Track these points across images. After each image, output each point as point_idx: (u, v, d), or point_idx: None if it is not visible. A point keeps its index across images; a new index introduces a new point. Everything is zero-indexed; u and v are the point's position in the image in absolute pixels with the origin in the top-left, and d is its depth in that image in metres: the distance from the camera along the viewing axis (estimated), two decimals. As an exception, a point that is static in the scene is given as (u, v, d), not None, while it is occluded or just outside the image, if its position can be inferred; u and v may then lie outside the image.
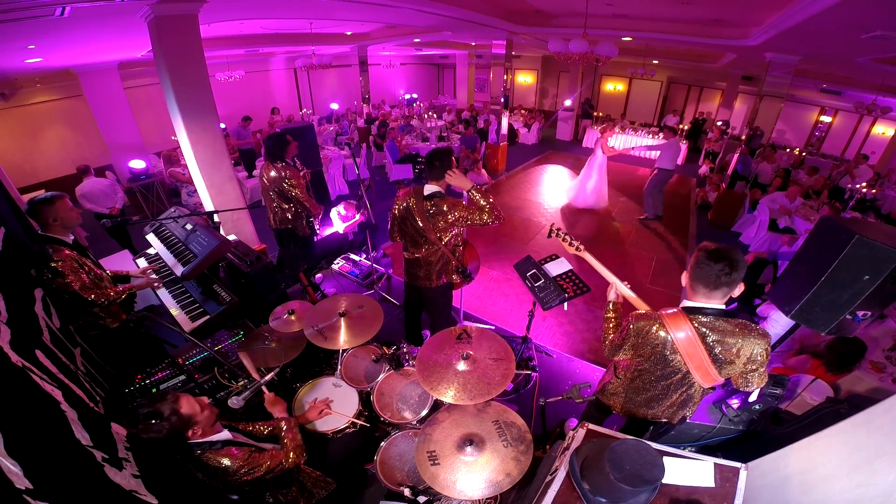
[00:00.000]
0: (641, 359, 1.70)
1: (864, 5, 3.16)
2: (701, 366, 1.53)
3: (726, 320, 1.52)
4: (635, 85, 13.86)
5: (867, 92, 7.71)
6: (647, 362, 1.69)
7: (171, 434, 1.44)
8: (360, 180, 4.12)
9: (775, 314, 3.12)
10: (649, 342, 1.61)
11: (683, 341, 1.52)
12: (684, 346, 1.53)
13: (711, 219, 7.09)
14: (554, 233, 2.34)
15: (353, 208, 5.05)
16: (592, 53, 5.12)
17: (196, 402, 1.56)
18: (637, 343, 1.65)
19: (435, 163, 2.47)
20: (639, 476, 1.14)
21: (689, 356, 1.54)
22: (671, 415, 1.83)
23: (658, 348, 1.60)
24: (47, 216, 2.23)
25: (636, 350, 1.68)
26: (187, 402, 1.51)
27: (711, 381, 1.58)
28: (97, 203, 4.95)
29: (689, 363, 1.55)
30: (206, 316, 2.78)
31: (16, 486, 1.03)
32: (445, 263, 2.71)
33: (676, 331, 1.52)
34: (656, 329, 1.58)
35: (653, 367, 1.69)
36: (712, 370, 1.53)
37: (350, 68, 13.05)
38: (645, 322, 1.61)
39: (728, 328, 1.51)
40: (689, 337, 1.51)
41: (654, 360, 1.65)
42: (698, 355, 1.52)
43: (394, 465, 2.04)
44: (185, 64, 3.74)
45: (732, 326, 1.51)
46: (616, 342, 1.75)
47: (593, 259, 2.16)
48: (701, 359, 1.52)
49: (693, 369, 1.56)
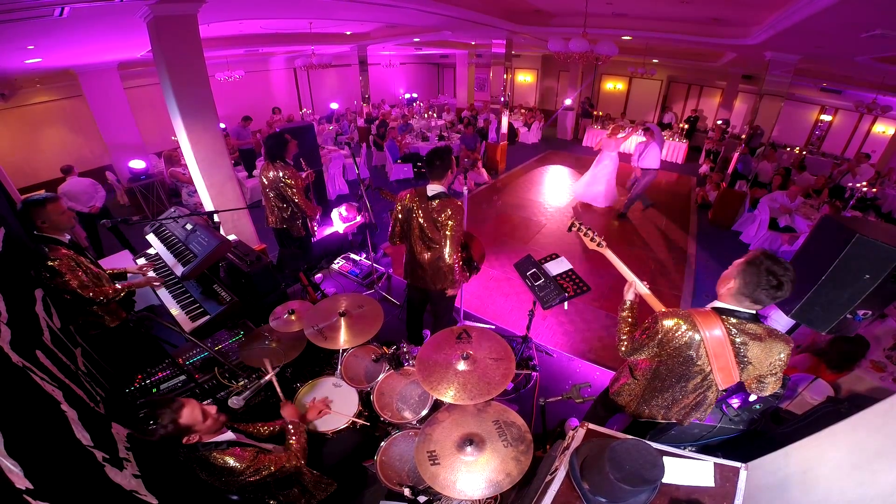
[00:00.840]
0: (664, 358, 1.67)
1: (863, 4, 3.15)
2: (725, 367, 1.53)
3: (755, 324, 1.52)
4: (635, 84, 13.85)
5: (867, 91, 7.71)
6: (669, 361, 1.66)
7: (162, 439, 1.42)
8: (360, 180, 4.12)
9: (775, 314, 3.11)
10: (676, 341, 1.58)
11: (714, 340, 1.51)
12: (713, 346, 1.51)
13: (712, 218, 7.09)
14: (575, 227, 2.28)
15: (355, 210, 5.05)
16: (592, 52, 5.12)
17: (201, 412, 1.53)
18: (664, 341, 1.62)
19: (436, 162, 2.47)
20: (639, 476, 1.14)
21: (716, 356, 1.52)
22: (684, 416, 1.82)
23: (684, 348, 1.58)
24: (35, 219, 2.22)
25: (661, 349, 1.65)
26: (190, 411, 1.49)
27: (731, 382, 1.57)
28: (77, 202, 5.12)
29: (713, 363, 1.54)
30: (207, 316, 2.78)
31: (16, 486, 1.03)
32: (449, 267, 2.70)
33: (710, 329, 1.51)
34: (686, 328, 1.55)
35: (675, 368, 1.66)
36: (735, 372, 1.53)
37: (350, 68, 13.04)
38: (674, 320, 1.58)
39: (757, 331, 1.51)
40: (720, 337, 1.50)
41: (678, 360, 1.62)
42: (725, 356, 1.51)
43: (394, 465, 2.04)
44: (185, 64, 3.74)
45: (761, 330, 1.51)
46: (639, 341, 1.72)
47: (613, 256, 2.12)
48: (727, 360, 1.52)
49: (717, 370, 1.55)
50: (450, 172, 2.54)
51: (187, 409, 1.48)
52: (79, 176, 5.29)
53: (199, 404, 1.55)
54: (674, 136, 10.96)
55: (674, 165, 10.68)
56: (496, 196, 7.98)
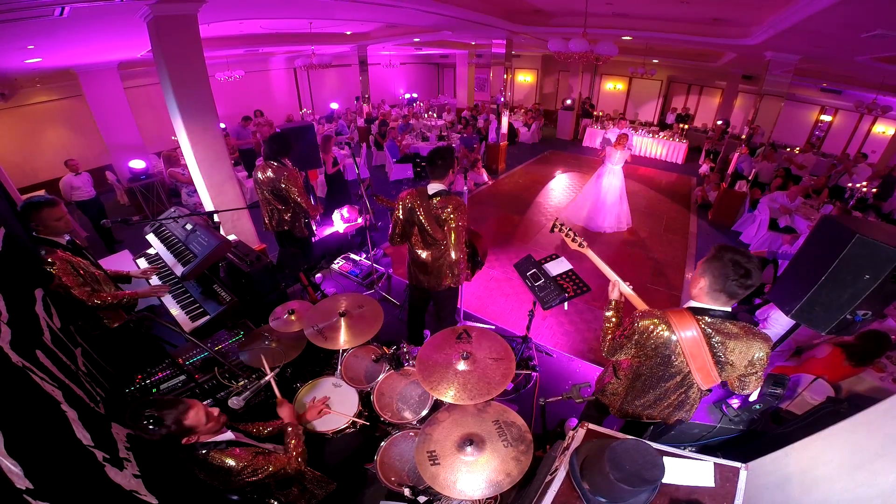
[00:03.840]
0: (643, 359, 1.69)
1: (863, 4, 3.15)
2: (703, 367, 1.53)
3: (731, 322, 1.52)
4: (635, 84, 13.86)
5: (867, 91, 7.71)
6: (649, 362, 1.68)
7: (164, 438, 1.43)
8: (360, 180, 4.10)
9: (775, 314, 3.12)
10: (652, 341, 1.60)
11: (689, 341, 1.51)
12: (689, 347, 1.52)
13: (712, 218, 7.09)
14: (557, 228, 2.30)
15: (356, 212, 5.05)
16: (592, 53, 5.12)
17: (205, 414, 1.53)
18: (641, 342, 1.63)
19: (437, 161, 2.47)
20: (639, 476, 1.14)
21: (693, 357, 1.53)
22: (667, 416, 1.82)
23: (661, 349, 1.59)
24: (31, 222, 2.19)
25: (639, 349, 1.66)
26: (195, 414, 1.49)
27: (711, 382, 1.57)
28: (81, 190, 5.59)
29: (691, 364, 1.55)
30: (207, 316, 2.78)
31: (16, 486, 1.03)
32: (454, 263, 2.70)
33: (684, 329, 1.51)
34: (661, 328, 1.56)
35: (655, 368, 1.68)
36: (714, 371, 1.53)
37: (350, 68, 13.05)
38: (650, 321, 1.59)
39: (733, 330, 1.51)
40: (695, 337, 1.50)
41: (657, 360, 1.64)
42: (702, 356, 1.51)
43: (394, 465, 2.04)
44: (185, 64, 3.74)
45: (737, 329, 1.51)
46: (618, 341, 1.73)
47: (595, 256, 2.14)
48: (704, 360, 1.52)
49: (695, 370, 1.55)
50: (451, 172, 2.55)
51: (193, 411, 1.48)
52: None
53: (203, 406, 1.55)
54: (673, 137, 10.97)
55: (674, 165, 10.69)
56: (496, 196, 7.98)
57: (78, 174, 5.54)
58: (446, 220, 2.50)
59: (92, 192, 5.69)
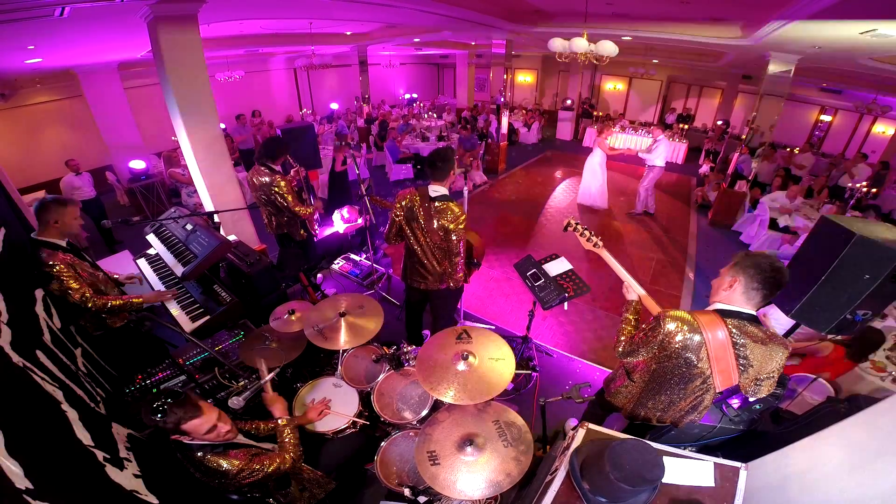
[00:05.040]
0: (663, 360, 1.65)
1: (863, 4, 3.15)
2: (726, 369, 1.51)
3: (756, 326, 1.51)
4: (635, 84, 13.86)
5: (867, 91, 7.71)
6: (668, 363, 1.64)
7: (155, 429, 1.42)
8: (360, 180, 4.10)
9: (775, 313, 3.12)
10: (677, 343, 1.56)
11: (717, 343, 1.50)
12: (715, 349, 1.50)
13: (712, 218, 7.09)
14: (571, 226, 2.25)
15: (356, 212, 5.05)
16: (592, 53, 5.12)
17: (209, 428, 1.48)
18: (665, 343, 1.59)
19: (438, 163, 2.45)
20: (639, 476, 1.14)
21: (717, 359, 1.51)
22: (679, 419, 1.81)
23: (684, 350, 1.56)
24: (51, 217, 2.20)
25: (661, 350, 1.63)
26: (199, 423, 1.45)
27: (730, 384, 1.56)
28: (81, 190, 5.58)
29: (714, 366, 1.53)
30: (207, 316, 2.78)
31: (16, 486, 1.03)
32: (450, 265, 2.70)
33: (714, 331, 1.50)
34: (688, 330, 1.53)
35: (674, 370, 1.64)
36: (735, 374, 1.52)
37: (350, 68, 13.03)
38: (678, 322, 1.56)
39: (758, 335, 1.50)
40: (723, 339, 1.49)
41: (679, 361, 1.60)
42: (726, 359, 1.50)
43: (394, 465, 2.04)
44: (185, 64, 3.74)
45: (762, 333, 1.50)
46: (638, 342, 1.70)
47: (609, 256, 2.09)
48: (728, 362, 1.50)
49: (716, 372, 1.53)
50: (452, 173, 2.54)
51: (198, 420, 1.45)
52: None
53: (215, 420, 1.51)
54: (674, 136, 10.96)
55: (674, 165, 10.68)
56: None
57: (79, 174, 5.55)
58: (446, 224, 2.49)
59: (92, 193, 5.69)
